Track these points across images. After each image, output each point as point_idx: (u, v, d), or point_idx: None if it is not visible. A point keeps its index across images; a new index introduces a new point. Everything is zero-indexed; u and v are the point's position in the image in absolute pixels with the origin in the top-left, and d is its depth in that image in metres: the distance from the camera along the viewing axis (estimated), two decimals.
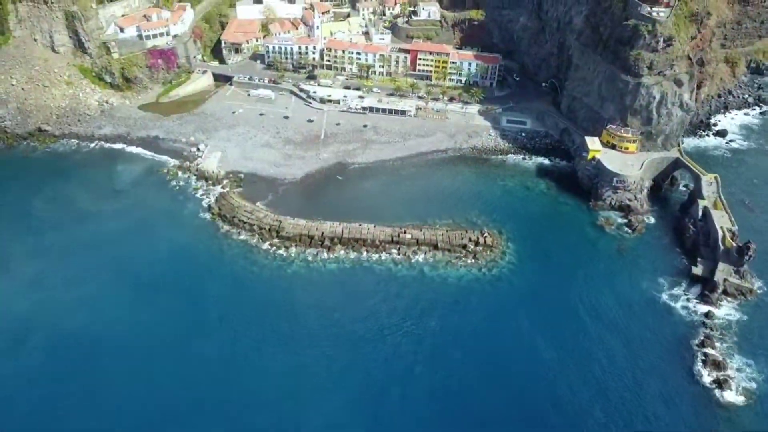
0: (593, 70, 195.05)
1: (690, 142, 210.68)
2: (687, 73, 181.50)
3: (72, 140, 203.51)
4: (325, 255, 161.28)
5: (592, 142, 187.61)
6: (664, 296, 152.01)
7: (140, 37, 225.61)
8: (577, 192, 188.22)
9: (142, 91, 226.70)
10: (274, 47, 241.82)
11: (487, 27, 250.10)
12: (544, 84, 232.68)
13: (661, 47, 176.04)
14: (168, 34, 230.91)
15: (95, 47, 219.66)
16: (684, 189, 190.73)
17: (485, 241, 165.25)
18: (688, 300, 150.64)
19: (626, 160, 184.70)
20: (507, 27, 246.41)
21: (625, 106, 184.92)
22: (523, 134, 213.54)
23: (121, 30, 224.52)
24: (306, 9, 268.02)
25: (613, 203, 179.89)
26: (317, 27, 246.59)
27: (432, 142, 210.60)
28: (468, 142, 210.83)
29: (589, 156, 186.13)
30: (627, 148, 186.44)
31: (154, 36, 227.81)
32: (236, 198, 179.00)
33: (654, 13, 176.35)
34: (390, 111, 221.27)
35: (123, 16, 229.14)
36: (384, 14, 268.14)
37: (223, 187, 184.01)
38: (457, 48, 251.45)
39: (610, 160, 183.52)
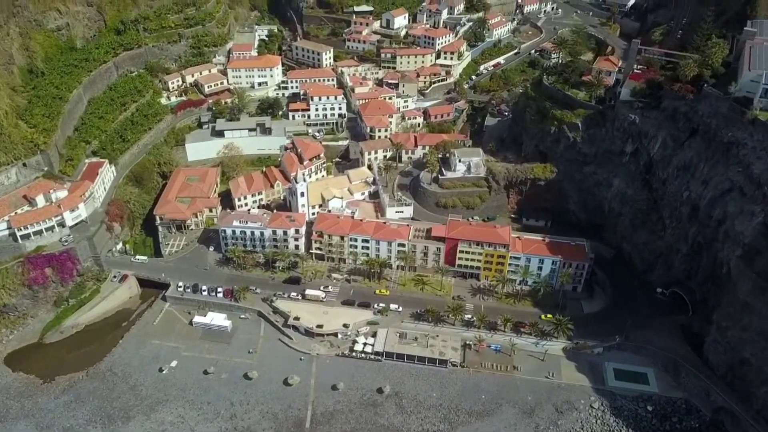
0: None
1: None
2: None
3: None
4: None
5: None
6: None
7: (14, 237, 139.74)
8: None
9: (17, 324, 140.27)
10: (234, 231, 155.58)
11: (559, 187, 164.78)
12: (660, 291, 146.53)
13: None
14: (63, 225, 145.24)
15: None
16: None
17: None
18: None
19: None
20: (592, 192, 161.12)
21: None
22: (649, 408, 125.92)
23: None
24: (287, 149, 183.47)
25: None
26: (301, 194, 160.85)
27: (498, 428, 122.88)
28: (558, 427, 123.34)
29: None
30: None
31: (38, 233, 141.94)
32: None
33: None
34: (421, 359, 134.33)
35: None
36: (400, 160, 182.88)
37: None
38: (512, 217, 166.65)
39: None
